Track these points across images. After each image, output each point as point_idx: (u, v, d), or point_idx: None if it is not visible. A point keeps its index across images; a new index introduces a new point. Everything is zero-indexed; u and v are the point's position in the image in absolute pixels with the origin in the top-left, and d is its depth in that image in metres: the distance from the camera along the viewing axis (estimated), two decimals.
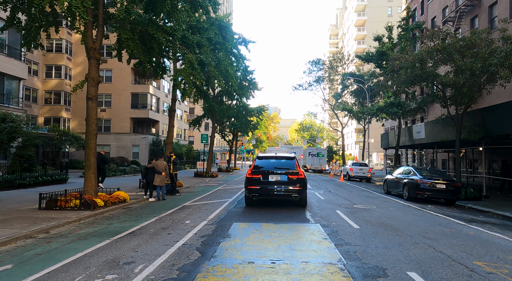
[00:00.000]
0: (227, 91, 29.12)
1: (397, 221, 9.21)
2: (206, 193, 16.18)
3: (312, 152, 44.29)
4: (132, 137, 40.20)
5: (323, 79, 42.45)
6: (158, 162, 13.82)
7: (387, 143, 29.62)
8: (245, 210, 10.66)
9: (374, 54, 25.31)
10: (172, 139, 19.29)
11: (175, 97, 19.35)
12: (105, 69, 40.30)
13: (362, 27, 78.64)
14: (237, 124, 39.60)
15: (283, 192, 10.51)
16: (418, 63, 16.67)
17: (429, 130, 21.27)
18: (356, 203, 13.08)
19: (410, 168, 16.03)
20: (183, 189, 18.82)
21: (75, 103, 39.97)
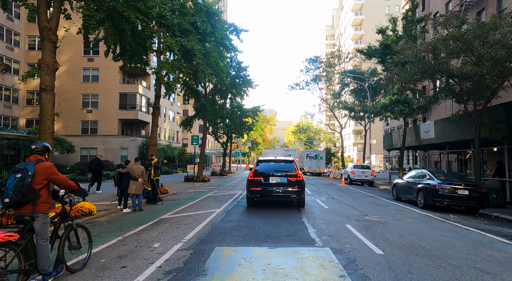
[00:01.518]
0: (219, 90, 27.13)
1: (427, 240, 7.24)
2: (192, 201, 14.17)
3: (310, 154, 42.38)
4: (120, 140, 38.06)
5: (321, 78, 40.60)
6: (134, 166, 11.80)
7: (391, 144, 27.75)
8: (234, 225, 8.67)
9: (377, 48, 23.46)
10: (155, 141, 17.28)
11: (159, 94, 17.34)
12: (91, 68, 38.21)
13: (360, 26, 77.10)
14: (231, 125, 37.59)
15: (283, 193, 11.05)
16: (431, 53, 14.80)
17: (440, 130, 19.40)
18: (367, 213, 11.12)
19: (424, 171, 14.11)
20: (168, 196, 16.79)
21: (59, 104, 37.74)
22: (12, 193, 4.21)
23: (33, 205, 4.33)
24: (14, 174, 4.35)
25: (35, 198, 4.34)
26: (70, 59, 37.90)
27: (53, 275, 4.53)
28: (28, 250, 4.25)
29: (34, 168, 4.40)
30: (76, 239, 5.14)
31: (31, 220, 4.35)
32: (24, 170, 4.37)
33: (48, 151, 4.83)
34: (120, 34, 11.25)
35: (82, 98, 38.11)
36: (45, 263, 4.34)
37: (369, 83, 30.85)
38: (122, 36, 11.45)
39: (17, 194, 4.22)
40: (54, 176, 4.61)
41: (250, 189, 11.34)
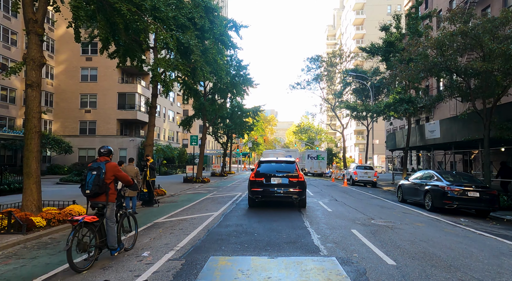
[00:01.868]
0: (219, 89, 26.58)
1: (441, 248, 6.66)
2: (190, 203, 13.60)
3: (312, 154, 41.80)
4: (119, 140, 37.53)
5: (322, 78, 40.00)
6: (128, 167, 11.24)
7: (394, 144, 27.15)
8: (232, 230, 8.10)
9: (380, 46, 22.87)
10: (152, 141, 16.72)
11: (156, 92, 16.81)
12: (90, 68, 37.71)
13: (361, 25, 76.49)
14: (231, 125, 37.04)
15: (284, 193, 11.07)
16: (437, 49, 14.22)
17: (446, 129, 18.81)
18: (373, 216, 10.53)
19: (431, 172, 13.53)
20: (165, 198, 16.22)
21: (57, 104, 37.29)
22: (92, 186, 5.33)
23: (106, 195, 5.51)
24: (90, 172, 5.46)
25: (107, 190, 5.50)
26: (68, 58, 37.42)
27: (118, 250, 5.78)
28: (101, 230, 5.52)
29: (105, 166, 5.53)
30: (128, 224, 6.45)
31: (103, 207, 5.53)
32: (98, 168, 5.48)
33: (111, 153, 5.96)
34: (112, 28, 10.71)
35: (80, 98, 37.62)
36: (112, 240, 5.59)
37: (372, 82, 30.26)
38: (115, 30, 10.92)
39: (95, 187, 5.36)
40: (119, 173, 5.76)
41: (252, 189, 11.36)
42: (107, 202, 5.51)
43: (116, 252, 5.72)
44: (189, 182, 25.68)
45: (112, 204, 5.62)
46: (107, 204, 5.51)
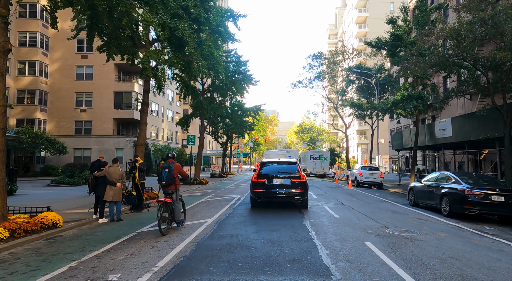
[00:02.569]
0: (217, 87, 25.43)
1: (479, 268, 5.47)
2: None
3: (314, 154, 40.61)
4: (115, 140, 36.43)
5: (325, 76, 38.80)
6: (112, 169, 10.09)
7: (401, 144, 25.94)
8: (225, 242, 6.94)
9: (387, 40, 21.67)
10: (144, 140, 15.59)
11: (148, 88, 15.67)
12: (85, 66, 36.61)
13: (363, 24, 75.25)
14: (231, 125, 35.89)
15: (286, 194, 11.14)
16: (453, 39, 13.03)
17: (459, 127, 17.60)
18: (386, 224, 9.34)
19: (448, 173, 12.33)
20: None
21: (52, 103, 36.21)
22: (166, 179, 8.07)
23: (174, 185, 8.16)
24: (163, 169, 8.13)
25: (174, 182, 8.16)
26: (62, 56, 36.34)
27: (181, 223, 8.55)
28: (171, 209, 7.94)
29: (173, 166, 8.16)
30: (182, 206, 8.77)
31: (172, 193, 8.07)
32: (169, 167, 8.14)
33: (175, 157, 8.94)
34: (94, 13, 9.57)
35: (75, 97, 36.52)
36: (178, 216, 8.19)
37: (377, 80, 29.06)
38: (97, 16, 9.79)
39: (168, 179, 8.07)
40: (181, 170, 8.40)
41: (254, 190, 11.43)
42: (175, 190, 8.18)
43: (180, 224, 8.55)
44: (185, 184, 24.53)
45: (177, 191, 8.28)
46: (175, 191, 8.17)
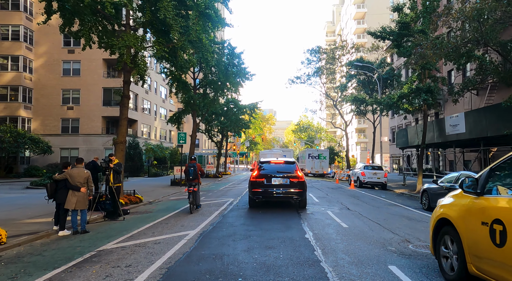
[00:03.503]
0: (210, 81, 23.76)
1: None
2: (166, 215, 10.79)
3: (312, 153, 39.00)
4: (104, 139, 34.65)
5: (323, 71, 37.18)
6: (75, 171, 8.39)
7: (406, 141, 24.36)
8: (205, 269, 5.28)
9: (392, 30, 20.04)
10: (124, 137, 13.91)
11: (128, 79, 13.98)
12: (72, 61, 34.83)
13: (362, 20, 73.74)
14: (226, 122, 34.21)
15: (284, 194, 11.11)
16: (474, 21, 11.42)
17: (474, 122, 16.02)
18: (406, 236, 7.71)
19: (469, 174, 10.71)
20: (140, 206, 13.39)
21: (37, 100, 34.37)
22: (192, 175, 11.36)
23: (198, 179, 11.54)
24: (190, 168, 11.44)
25: (197, 177, 11.52)
26: (48, 51, 34.49)
27: (199, 207, 11.95)
28: (194, 195, 11.28)
29: (196, 165, 11.55)
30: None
31: (196, 185, 11.40)
32: (193, 166, 11.49)
33: (196, 159, 12.84)
34: None
35: (62, 93, 34.71)
36: (198, 201, 11.72)
37: (379, 74, 27.47)
38: None
39: (194, 175, 11.38)
40: (201, 168, 11.96)
41: (253, 190, 11.39)
42: (197, 183, 11.56)
43: (199, 207, 11.94)
44: (177, 185, 22.87)
45: (199, 184, 11.80)
46: (197, 183, 11.55)
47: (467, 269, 4.10)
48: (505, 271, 3.38)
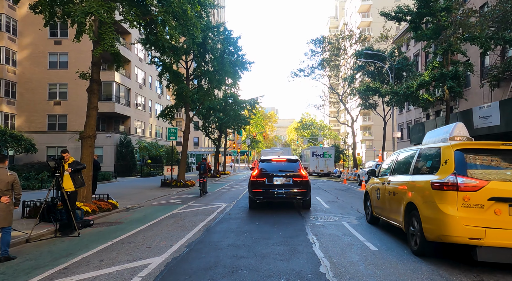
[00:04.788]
0: (205, 72, 21.31)
1: None
2: (135, 229, 8.41)
3: (317, 151, 36.55)
4: None
5: (329, 63, 34.63)
6: None
7: (421, 137, 21.77)
8: None
9: (410, 9, 17.54)
10: (93, 131, 11.59)
11: (98, 60, 11.66)
12: (59, 53, 32.47)
13: (367, 13, 71.04)
14: (224, 118, 31.78)
15: (287, 194, 10.41)
16: None
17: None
18: None
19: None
20: (112, 213, 11.03)
21: (21, 95, 32.06)
22: (203, 170, 15.90)
23: (206, 173, 16.17)
24: (202, 165, 16.09)
25: (206, 172, 16.20)
26: (33, 42, 32.13)
27: (206, 193, 16.57)
28: (203, 186, 15.90)
29: (205, 163, 16.35)
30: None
31: (205, 177, 16.04)
32: (204, 164, 16.20)
33: (206, 159, 19.40)
34: None
35: (48, 88, 32.37)
36: (206, 189, 16.48)
37: (391, 64, 24.95)
38: None
39: (204, 170, 15.96)
40: (210, 166, 19.27)
41: (253, 190, 10.70)
42: (206, 176, 16.01)
43: (206, 193, 16.16)
44: (167, 186, 20.52)
45: (207, 177, 16.52)
46: (206, 177, 16.00)
47: (373, 213, 8.55)
48: (381, 210, 7.85)
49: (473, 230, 4.85)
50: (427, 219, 5.45)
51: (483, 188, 4.95)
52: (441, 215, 5.15)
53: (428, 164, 6.11)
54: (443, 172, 5.41)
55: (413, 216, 5.99)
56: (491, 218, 4.86)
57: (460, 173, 5.18)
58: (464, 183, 5.06)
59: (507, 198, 4.85)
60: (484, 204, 4.91)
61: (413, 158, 6.79)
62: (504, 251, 4.79)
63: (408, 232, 6.20)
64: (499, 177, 5.05)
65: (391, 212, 7.12)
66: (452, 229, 5.00)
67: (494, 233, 4.79)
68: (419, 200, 5.76)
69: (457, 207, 5.03)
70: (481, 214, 4.91)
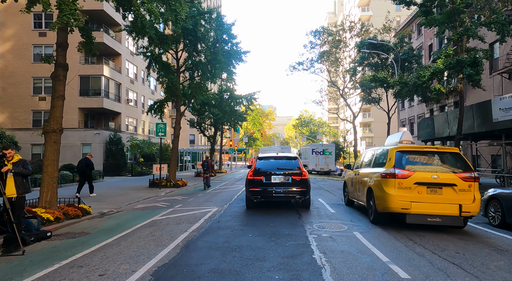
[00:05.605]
0: (197, 63, 19.62)
1: None
2: (101, 242, 6.81)
3: (317, 149, 34.99)
4: (81, 134, 30.58)
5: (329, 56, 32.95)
6: None
7: (431, 132, 20.27)
8: None
9: None
10: (58, 125, 9.92)
11: (64, 41, 10.02)
12: (44, 45, 30.69)
13: (367, 6, 69.45)
14: (219, 114, 30.09)
15: (286, 193, 10.04)
16: None
17: None
18: None
19: None
20: (82, 220, 9.39)
21: (4, 89, 30.28)
22: (207, 167, 18.78)
23: (209, 170, 18.89)
24: (205, 162, 19.05)
25: (209, 168, 18.90)
26: (16, 33, 30.33)
27: (210, 188, 18.97)
28: (207, 181, 18.65)
29: (208, 161, 19.06)
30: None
31: (209, 173, 18.84)
32: (207, 161, 19.01)
33: (208, 158, 23.06)
34: None
35: (33, 82, 30.60)
36: (209, 183, 18.97)
37: (396, 54, 23.32)
38: None
39: (207, 167, 18.79)
40: (212, 163, 21.59)
41: (250, 189, 10.24)
42: (209, 172, 18.72)
43: (210, 188, 18.60)
44: (156, 187, 18.89)
45: (210, 172, 19.28)
46: (209, 172, 18.66)
47: (349, 197, 11.21)
48: (353, 194, 10.44)
49: (404, 203, 7.34)
50: (377, 197, 7.97)
51: (411, 176, 7.44)
52: (385, 194, 7.62)
53: (381, 160, 8.62)
54: (388, 166, 7.90)
55: (370, 197, 8.52)
56: (415, 196, 7.37)
57: (398, 167, 7.65)
58: (400, 173, 7.54)
59: (425, 183, 7.35)
60: (411, 186, 7.39)
61: (373, 156, 9.43)
62: (422, 216, 7.38)
63: (368, 208, 8.83)
64: (421, 169, 7.52)
65: (359, 195, 9.71)
66: (391, 203, 7.48)
67: (416, 205, 7.29)
68: (374, 185, 8.27)
69: (395, 189, 7.51)
70: (409, 193, 7.40)
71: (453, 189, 7.30)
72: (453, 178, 7.35)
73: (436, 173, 7.42)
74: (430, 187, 7.33)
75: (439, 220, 7.33)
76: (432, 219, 7.33)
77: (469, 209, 7.18)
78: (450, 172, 7.46)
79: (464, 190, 7.29)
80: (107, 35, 31.24)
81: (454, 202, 7.21)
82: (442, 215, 7.26)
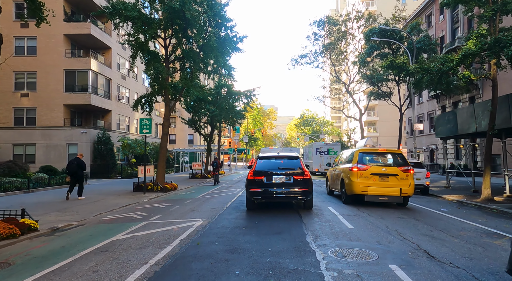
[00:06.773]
0: (188, 52, 17.30)
1: None
2: (24, 279, 4.41)
3: (321, 148, 32.55)
4: (67, 133, 28.31)
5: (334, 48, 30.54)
6: None
7: (453, 129, 17.84)
8: None
9: None
10: None
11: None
12: (26, 37, 28.46)
13: (371, 1, 66.94)
14: (215, 110, 27.70)
15: (287, 194, 9.85)
16: None
17: None
18: None
19: None
20: (20, 240, 7.12)
21: None
22: (215, 166, 22.38)
23: (218, 168, 22.57)
24: (214, 162, 22.65)
25: (218, 167, 22.56)
26: (4, 28, 28.07)
27: (219, 184, 22.13)
28: (216, 177, 22.43)
29: (217, 161, 22.86)
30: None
31: (217, 171, 22.74)
32: (216, 161, 22.63)
33: (217, 159, 27.10)
34: None
35: (14, 77, 28.35)
36: (218, 179, 22.68)
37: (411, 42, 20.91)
38: None
39: (216, 166, 22.36)
40: (220, 162, 25.56)
41: (250, 190, 9.96)
42: (218, 169, 22.50)
43: (219, 184, 21.33)
44: (140, 191, 16.62)
45: (219, 170, 23.12)
46: (218, 170, 22.48)
47: (330, 188, 14.86)
48: (332, 185, 14.14)
49: (364, 188, 10.88)
50: (346, 184, 11.49)
51: (368, 169, 10.97)
52: (351, 182, 11.13)
53: (350, 159, 12.21)
54: (353, 162, 11.41)
55: (342, 185, 12.10)
56: (370, 182, 10.88)
57: (360, 163, 11.20)
58: (361, 167, 11.03)
59: (377, 173, 10.89)
60: (368, 176, 10.91)
61: (346, 156, 13.20)
62: (376, 196, 10.85)
63: (341, 194, 12.62)
64: (375, 164, 11.20)
65: (336, 185, 13.09)
66: (356, 188, 11.02)
67: (372, 189, 10.84)
68: (345, 176, 11.81)
69: (358, 178, 11.00)
70: (367, 180, 10.91)
71: (396, 177, 10.77)
72: (396, 170, 10.89)
73: (385, 166, 11.16)
74: (381, 176, 10.88)
75: (387, 198, 10.80)
76: (382, 198, 10.80)
77: (407, 191, 10.73)
78: (394, 166, 11.09)
79: (403, 178, 10.74)
80: (94, 26, 28.98)
81: (397, 187, 10.70)
82: (389, 195, 10.74)
